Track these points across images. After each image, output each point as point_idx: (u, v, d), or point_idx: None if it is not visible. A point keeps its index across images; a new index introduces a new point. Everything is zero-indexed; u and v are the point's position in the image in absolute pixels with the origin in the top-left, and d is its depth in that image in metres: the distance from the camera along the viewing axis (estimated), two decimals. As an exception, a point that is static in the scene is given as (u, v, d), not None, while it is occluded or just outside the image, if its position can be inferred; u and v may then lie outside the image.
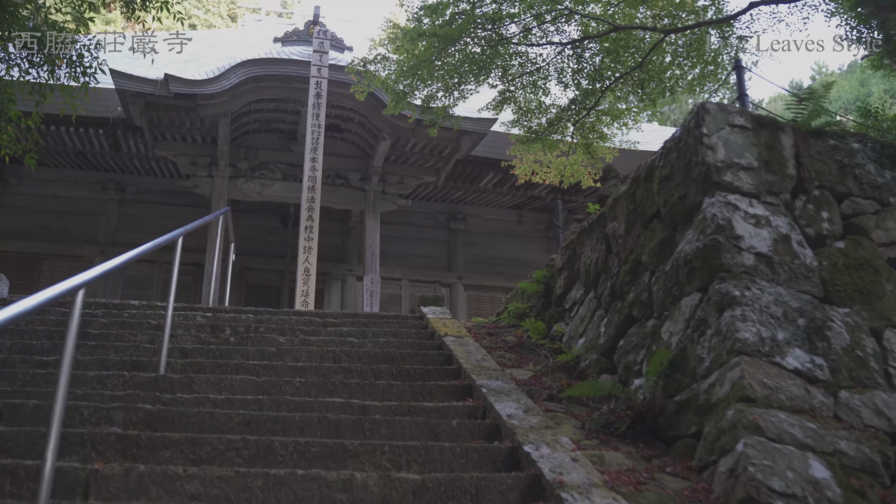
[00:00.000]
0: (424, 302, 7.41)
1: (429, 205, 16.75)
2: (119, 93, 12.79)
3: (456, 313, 15.95)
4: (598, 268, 5.91)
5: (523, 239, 17.26)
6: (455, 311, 16.03)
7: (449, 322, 6.69)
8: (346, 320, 6.79)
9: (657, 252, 5.06)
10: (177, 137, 14.04)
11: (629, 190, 5.56)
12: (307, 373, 5.18)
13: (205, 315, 6.65)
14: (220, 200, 13.84)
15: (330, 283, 15.69)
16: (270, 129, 14.58)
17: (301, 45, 14.06)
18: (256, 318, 6.71)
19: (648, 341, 4.93)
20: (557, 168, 11.43)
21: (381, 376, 5.23)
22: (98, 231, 15.69)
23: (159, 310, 6.84)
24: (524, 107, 11.06)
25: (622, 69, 10.47)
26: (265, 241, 15.97)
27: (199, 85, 12.85)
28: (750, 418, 3.70)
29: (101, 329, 6.06)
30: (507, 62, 10.85)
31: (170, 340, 5.73)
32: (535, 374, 5.43)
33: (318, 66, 12.09)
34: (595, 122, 10.95)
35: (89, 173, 15.83)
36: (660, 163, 5.15)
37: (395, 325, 6.86)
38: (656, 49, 10.35)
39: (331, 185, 14.18)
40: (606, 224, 5.89)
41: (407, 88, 9.74)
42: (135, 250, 4.63)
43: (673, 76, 10.40)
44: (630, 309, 5.28)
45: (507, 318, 6.97)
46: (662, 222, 5.09)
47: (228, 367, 5.18)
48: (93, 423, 4.03)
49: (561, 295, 6.42)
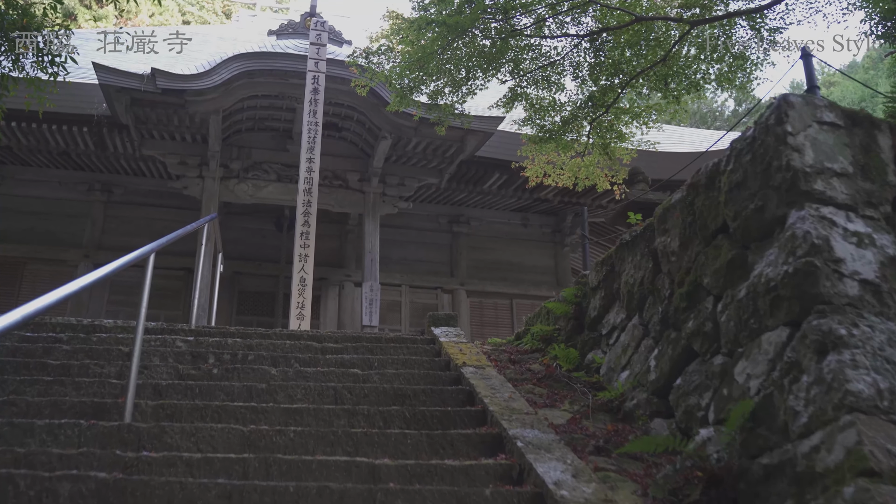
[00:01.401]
0: (435, 321, 6.48)
1: (430, 207, 15.82)
2: (103, 88, 11.84)
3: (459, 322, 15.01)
4: (643, 289, 5.00)
5: (528, 243, 16.34)
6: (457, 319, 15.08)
7: (465, 347, 5.77)
8: (347, 345, 5.84)
9: (725, 274, 4.14)
10: (165, 136, 13.08)
11: (685, 199, 4.64)
12: (304, 417, 4.26)
13: (186, 339, 5.70)
14: (211, 202, 12.90)
15: (327, 289, 14.75)
16: (264, 127, 13.63)
17: (297, 38, 13.12)
18: (245, 342, 5.75)
19: (716, 382, 4.02)
20: (571, 170, 10.51)
21: (392, 422, 4.30)
22: (83, 234, 14.72)
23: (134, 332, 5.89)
24: (537, 104, 10.15)
25: (644, 63, 9.57)
26: (258, 245, 15.02)
27: (189, 80, 11.90)
28: (879, 501, 2.81)
29: (62, 359, 5.12)
30: (519, 56, 9.94)
31: (141, 374, 4.81)
32: (573, 417, 4.52)
33: (315, 60, 11.15)
34: (613, 121, 10.04)
35: (74, 173, 14.87)
36: (727, 167, 4.23)
37: (403, 350, 5.92)
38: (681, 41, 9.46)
39: (328, 186, 13.25)
40: (654, 238, 4.97)
41: (413, 83, 8.80)
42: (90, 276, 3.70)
43: (698, 71, 9.50)
44: (689, 341, 4.37)
45: (531, 342, 6.05)
46: (731, 238, 4.17)
47: (209, 410, 4.24)
48: (28, 501, 3.09)
49: (596, 318, 5.50)
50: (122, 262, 4.20)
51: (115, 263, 4.15)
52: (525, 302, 15.69)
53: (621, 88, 9.69)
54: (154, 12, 27.84)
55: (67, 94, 13.01)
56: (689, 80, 9.51)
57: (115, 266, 4.09)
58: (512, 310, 15.60)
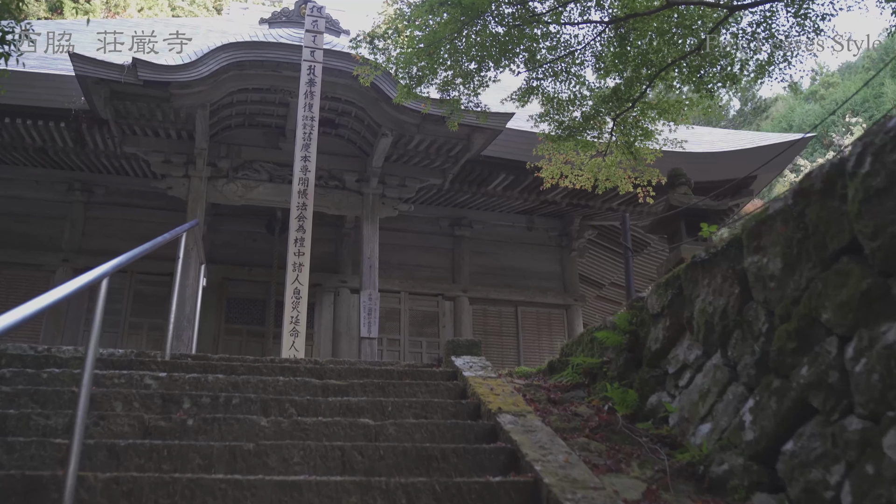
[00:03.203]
0: (455, 348, 5.39)
1: (430, 209, 14.72)
2: (80, 79, 10.70)
3: (461, 330, 13.98)
4: (727, 320, 3.93)
5: (534, 247, 15.26)
6: (460, 327, 14.05)
7: (496, 385, 4.70)
8: (353, 382, 4.73)
9: (856, 309, 3.09)
10: (148, 132, 11.94)
11: (790, 209, 3.57)
12: (303, 495, 3.18)
13: (156, 376, 4.58)
14: (198, 204, 11.77)
15: (321, 295, 13.65)
16: (255, 123, 12.51)
17: (291, 26, 12.00)
18: (229, 379, 4.64)
19: (853, 454, 2.96)
20: (591, 170, 9.46)
21: (418, 501, 3.22)
22: (62, 236, 13.56)
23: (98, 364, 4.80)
24: (555, 98, 9.10)
25: (675, 53, 8.52)
26: (249, 250, 13.90)
27: (173, 71, 10.77)
28: None
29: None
30: (535, 45, 8.89)
31: (97, 426, 3.73)
32: (648, 488, 3.46)
33: (311, 49, 10.03)
34: (639, 117, 8.99)
35: (53, 172, 13.71)
36: (859, 168, 3.17)
37: (421, 389, 4.81)
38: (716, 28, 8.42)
39: (323, 187, 12.15)
40: (741, 257, 3.91)
41: (421, 72, 7.72)
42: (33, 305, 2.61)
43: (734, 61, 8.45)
44: (802, 392, 3.32)
45: (571, 375, 4.98)
46: (864, 262, 3.12)
47: (178, 486, 3.16)
48: None
49: (659, 352, 4.44)
50: (67, 292, 3.12)
51: (61, 291, 3.08)
52: (530, 310, 14.64)
53: (649, 81, 8.65)
54: (143, 6, 26.65)
55: (44, 86, 11.90)
56: (725, 73, 8.47)
57: (55, 298, 3.01)
58: (517, 318, 14.53)
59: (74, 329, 12.82)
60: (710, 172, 12.78)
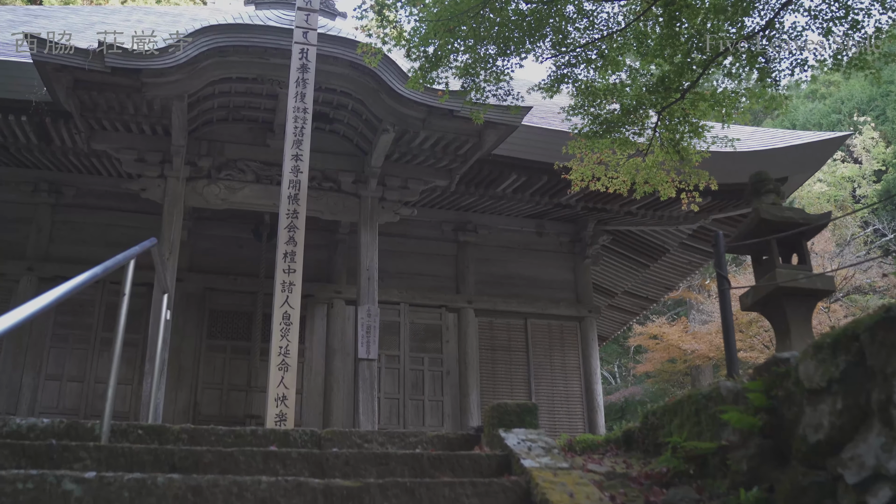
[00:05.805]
0: (502, 416, 3.82)
1: (433, 212, 13.20)
2: (38, 65, 9.09)
3: (466, 346, 12.49)
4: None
5: (544, 254, 13.75)
6: (465, 342, 12.55)
7: (572, 483, 3.17)
8: (370, 482, 3.11)
9: None
10: (118, 127, 10.33)
11: None
12: None
13: (81, 477, 2.96)
14: (175, 208, 10.20)
15: (313, 308, 12.11)
16: (240, 117, 10.93)
17: (280, 8, 10.41)
18: (189, 483, 3.02)
19: None
20: (628, 171, 7.98)
21: None
22: (26, 242, 11.95)
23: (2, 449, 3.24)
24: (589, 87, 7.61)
25: (735, 34, 7.05)
26: (234, 257, 12.32)
27: (146, 58, 9.18)
28: None
29: None
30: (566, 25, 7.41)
31: None
32: None
33: (303, 30, 8.47)
34: (688, 110, 7.51)
35: (16, 171, 12.09)
36: None
37: (468, 493, 3.16)
38: (786, 5, 6.97)
39: (316, 189, 10.61)
40: None
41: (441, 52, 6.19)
42: None
43: (806, 45, 7.00)
44: None
45: (671, 461, 3.48)
46: None
47: None
48: None
49: (823, 445, 2.94)
50: None
51: None
52: (541, 322, 13.15)
53: (704, 67, 7.17)
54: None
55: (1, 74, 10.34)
56: (795, 58, 7.02)
57: None
58: (526, 331, 13.03)
59: (39, 346, 11.23)
60: (732, 174, 11.20)
